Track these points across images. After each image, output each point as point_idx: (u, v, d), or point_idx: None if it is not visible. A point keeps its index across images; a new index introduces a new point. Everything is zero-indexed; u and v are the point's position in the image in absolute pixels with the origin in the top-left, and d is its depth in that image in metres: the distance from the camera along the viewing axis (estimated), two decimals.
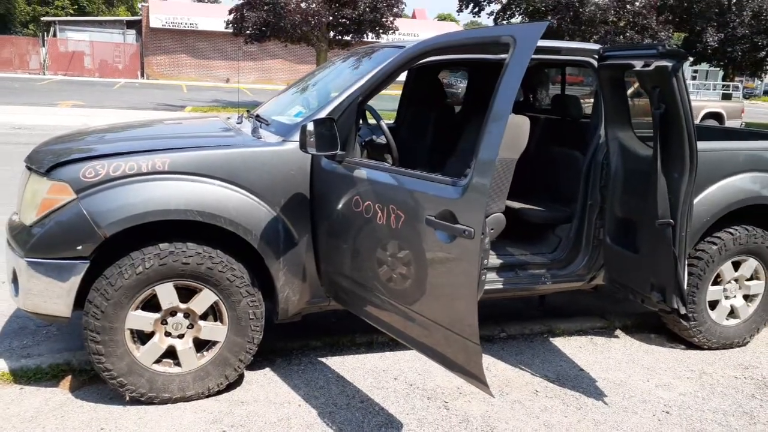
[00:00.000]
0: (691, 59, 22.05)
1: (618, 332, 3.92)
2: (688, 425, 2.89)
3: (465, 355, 2.30)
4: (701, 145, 3.27)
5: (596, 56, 3.16)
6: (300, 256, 2.87)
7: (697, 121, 15.05)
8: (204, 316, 2.84)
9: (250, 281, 2.81)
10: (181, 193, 2.65)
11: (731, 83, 19.70)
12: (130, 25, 36.18)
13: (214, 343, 2.86)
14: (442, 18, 55.46)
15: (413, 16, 41.27)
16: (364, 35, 18.40)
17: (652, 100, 2.72)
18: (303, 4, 17.67)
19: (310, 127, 2.53)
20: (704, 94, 18.21)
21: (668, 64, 2.59)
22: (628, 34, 17.58)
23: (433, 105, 4.31)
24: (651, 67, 2.66)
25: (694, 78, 38.08)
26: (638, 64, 2.76)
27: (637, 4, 17.83)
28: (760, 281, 3.71)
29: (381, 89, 2.76)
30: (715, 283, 3.63)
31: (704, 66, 24.49)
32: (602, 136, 3.31)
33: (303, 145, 2.56)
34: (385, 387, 3.09)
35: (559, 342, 3.73)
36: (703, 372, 3.44)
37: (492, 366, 3.38)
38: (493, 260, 3.38)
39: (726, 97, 19.62)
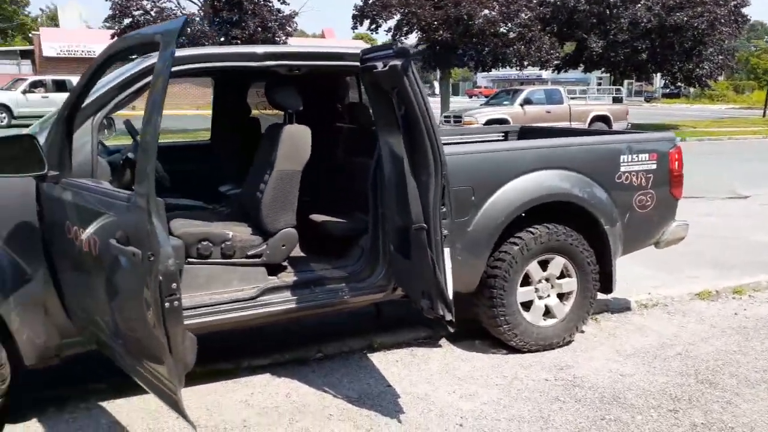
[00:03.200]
0: (582, 66, 23.10)
1: (443, 341, 3.80)
2: None
3: (169, 395, 2.07)
4: (486, 146, 3.22)
5: (359, 61, 3.04)
6: (36, 293, 2.56)
7: (585, 125, 15.70)
8: None
9: None
10: None
11: (614, 87, 20.75)
12: (24, 55, 34.49)
13: None
14: (360, 37, 54.92)
15: (322, 35, 41.36)
16: None
17: (393, 102, 2.62)
18: (190, 29, 17.18)
19: None
20: (594, 99, 19.03)
21: (398, 63, 2.50)
22: (515, 46, 18.14)
23: (239, 119, 4.12)
24: (386, 68, 2.56)
25: (599, 85, 39.92)
26: (380, 66, 2.65)
27: (523, 16, 18.45)
28: (571, 279, 3.68)
29: (82, 101, 2.54)
30: (526, 283, 3.58)
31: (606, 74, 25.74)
32: None
33: None
34: (162, 428, 2.81)
35: (377, 357, 3.56)
36: (515, 377, 3.35)
37: (294, 391, 3.16)
38: (289, 278, 3.20)
39: (617, 100, 20.65)
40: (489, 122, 14.03)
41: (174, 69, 2.63)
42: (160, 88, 1.95)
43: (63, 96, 20.70)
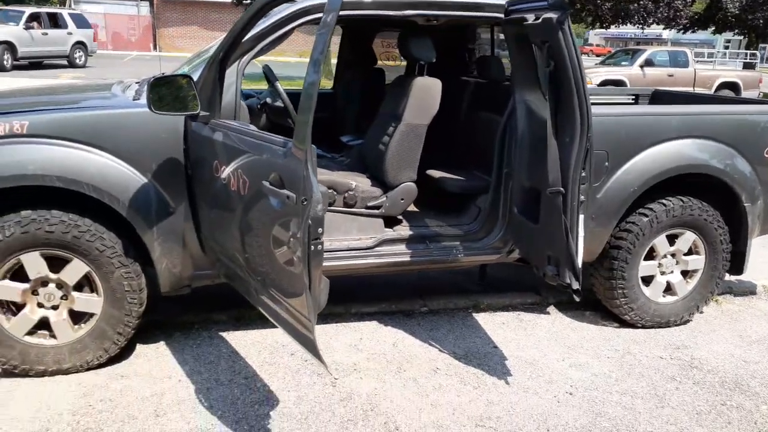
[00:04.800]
0: (713, 28, 21.12)
1: (551, 308, 3.72)
2: (588, 407, 2.71)
3: (304, 333, 2.15)
4: (625, 109, 3.02)
5: (503, 12, 2.91)
6: (177, 225, 2.72)
7: (711, 92, 14.46)
8: (80, 287, 2.73)
9: (124, 251, 2.68)
10: (39, 157, 2.51)
11: (748, 52, 18.81)
12: None
13: (92, 315, 2.75)
14: None
15: None
16: None
17: (542, 57, 2.49)
18: None
19: (156, 84, 2.37)
20: (721, 63, 17.42)
21: (553, 15, 2.36)
22: (641, 1, 16.79)
23: (363, 69, 4.10)
24: (539, 20, 2.43)
25: (726, 47, 36.48)
26: (531, 18, 2.52)
27: None
28: (699, 256, 3.46)
29: (236, 47, 2.57)
30: (649, 257, 3.40)
31: (737, 36, 23.39)
32: None
33: (149, 104, 2.39)
34: (278, 363, 2.96)
35: (482, 318, 3.55)
36: (627, 351, 3.24)
37: (400, 342, 3.22)
38: (404, 231, 3.21)
39: (749, 66, 18.76)
40: (604, 83, 13.25)
41: (315, 17, 2.65)
42: (323, 39, 1.91)
43: (60, 33, 18.22)
